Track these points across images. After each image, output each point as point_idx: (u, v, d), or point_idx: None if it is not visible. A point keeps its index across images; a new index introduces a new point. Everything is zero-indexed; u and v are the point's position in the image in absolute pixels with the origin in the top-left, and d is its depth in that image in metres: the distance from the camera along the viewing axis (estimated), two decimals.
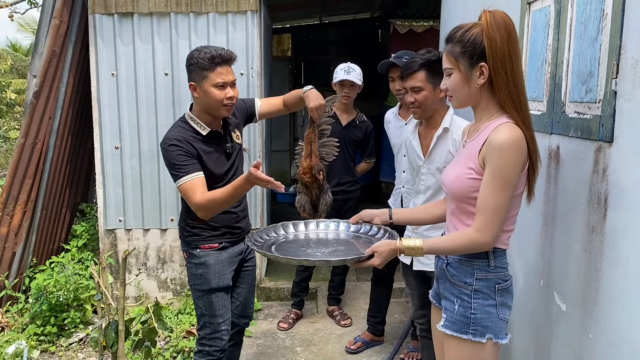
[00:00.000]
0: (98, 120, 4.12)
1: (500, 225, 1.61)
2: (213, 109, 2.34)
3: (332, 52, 8.85)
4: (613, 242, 1.51)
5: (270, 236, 2.16)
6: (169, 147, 2.30)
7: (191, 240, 2.47)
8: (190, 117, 2.39)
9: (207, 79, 2.27)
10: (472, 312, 1.67)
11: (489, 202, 1.58)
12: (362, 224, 2.13)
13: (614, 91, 1.50)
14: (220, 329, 2.48)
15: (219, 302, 2.47)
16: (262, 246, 2.03)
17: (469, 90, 1.66)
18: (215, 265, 2.45)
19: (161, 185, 4.18)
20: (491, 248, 1.66)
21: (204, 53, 2.27)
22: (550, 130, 1.97)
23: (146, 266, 4.33)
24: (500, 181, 1.56)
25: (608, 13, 1.55)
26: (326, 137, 2.62)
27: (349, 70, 3.63)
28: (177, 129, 2.37)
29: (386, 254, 1.72)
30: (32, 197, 4.09)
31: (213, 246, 2.45)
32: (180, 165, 2.26)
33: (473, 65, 1.62)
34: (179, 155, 2.26)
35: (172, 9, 4.00)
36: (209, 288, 2.45)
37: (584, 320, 1.69)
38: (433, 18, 6.10)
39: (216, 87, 2.27)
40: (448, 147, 2.49)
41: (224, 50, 2.30)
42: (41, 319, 3.75)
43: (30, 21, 15.49)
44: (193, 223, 2.43)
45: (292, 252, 2.00)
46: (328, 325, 3.94)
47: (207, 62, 2.25)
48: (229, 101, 2.31)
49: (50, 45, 3.96)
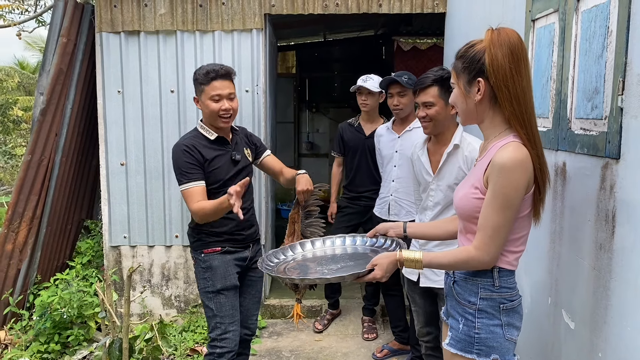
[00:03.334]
0: (104, 137, 4.14)
1: (500, 245, 1.60)
2: (212, 120, 2.57)
3: (336, 69, 8.91)
4: (622, 259, 1.50)
5: (287, 255, 2.21)
6: (179, 151, 2.51)
7: (196, 246, 2.65)
8: (200, 126, 2.64)
9: (204, 93, 2.54)
10: (476, 331, 1.65)
11: (489, 222, 1.57)
12: (378, 237, 2.14)
13: (620, 108, 1.49)
14: (230, 329, 2.60)
15: (229, 302, 2.62)
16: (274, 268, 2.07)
17: (467, 105, 1.67)
18: (221, 266, 2.61)
19: (166, 202, 4.19)
20: (489, 267, 1.64)
21: (201, 69, 2.55)
22: (556, 147, 1.97)
23: (150, 283, 4.31)
24: (501, 201, 1.55)
25: (613, 30, 1.55)
26: (313, 218, 2.74)
27: (366, 79, 3.73)
28: (189, 136, 2.62)
29: (385, 265, 1.73)
30: (38, 213, 4.09)
31: (216, 250, 2.62)
32: (186, 172, 2.48)
33: (471, 81, 1.62)
34: (186, 162, 2.49)
35: (179, 27, 4.04)
36: (217, 289, 2.60)
37: (593, 339, 1.66)
38: (436, 35, 6.13)
39: (212, 100, 2.52)
40: (459, 164, 2.49)
41: (220, 66, 2.56)
42: (45, 336, 3.73)
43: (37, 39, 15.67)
44: (198, 229, 2.63)
45: (303, 269, 2.05)
46: (333, 343, 3.90)
47: (202, 77, 2.53)
48: (224, 112, 2.54)
49: (58, 63, 4.00)
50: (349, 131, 3.95)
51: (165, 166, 4.16)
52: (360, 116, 3.95)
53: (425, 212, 2.66)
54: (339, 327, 4.16)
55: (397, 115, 3.43)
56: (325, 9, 4.07)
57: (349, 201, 3.95)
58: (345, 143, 3.95)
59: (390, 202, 3.42)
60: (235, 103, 2.58)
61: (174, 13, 4.03)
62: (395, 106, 3.35)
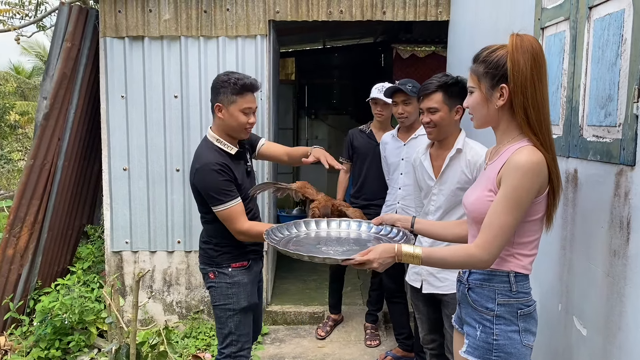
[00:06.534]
0: (107, 141, 4.13)
1: (501, 247, 1.59)
2: (235, 131, 2.49)
3: (335, 76, 8.94)
4: (637, 266, 1.50)
5: (291, 232, 2.22)
6: (212, 171, 2.38)
7: (222, 260, 2.55)
8: (215, 139, 2.50)
9: (235, 103, 2.42)
10: (495, 338, 1.65)
11: (496, 221, 1.57)
12: (384, 225, 2.14)
13: (635, 115, 1.51)
14: (246, 347, 2.59)
15: (247, 321, 2.60)
16: (279, 242, 2.07)
17: (488, 110, 1.67)
18: (248, 284, 2.57)
19: (169, 207, 4.18)
20: (487, 267, 1.64)
21: (235, 79, 2.42)
22: (567, 154, 1.98)
23: (152, 289, 4.29)
24: (512, 202, 1.55)
25: (627, 38, 1.57)
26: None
27: (382, 89, 3.67)
28: (212, 153, 2.46)
29: (380, 251, 1.67)
30: (39, 218, 4.07)
31: (243, 264, 2.56)
32: (226, 191, 2.39)
33: (494, 86, 1.63)
34: (224, 181, 2.39)
35: (183, 32, 4.05)
36: (242, 307, 2.55)
37: (606, 346, 1.67)
38: (435, 43, 6.17)
39: (243, 112, 2.44)
40: (462, 168, 2.50)
41: (253, 79, 2.47)
42: (45, 342, 3.70)
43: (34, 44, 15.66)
44: (224, 242, 2.53)
45: (306, 248, 2.02)
46: (336, 350, 3.89)
47: (238, 87, 2.41)
48: (250, 126, 2.49)
49: (61, 68, 4.00)
50: (359, 137, 3.92)
51: (168, 171, 4.15)
52: (372, 123, 3.93)
53: (427, 217, 2.66)
54: (341, 333, 4.15)
55: (403, 124, 3.43)
56: (330, 15, 4.08)
57: None
58: (354, 149, 3.92)
59: (397, 209, 3.42)
60: (256, 117, 2.55)
61: (179, 19, 4.04)
62: (401, 114, 3.36)
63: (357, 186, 3.91)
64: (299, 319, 4.35)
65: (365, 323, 4.14)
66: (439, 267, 1.81)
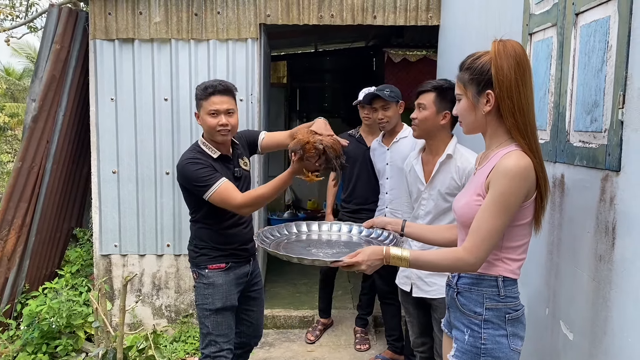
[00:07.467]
0: (96, 144, 4.11)
1: (489, 251, 1.60)
2: (211, 134, 2.55)
3: (327, 79, 8.95)
4: (622, 270, 1.51)
5: (282, 234, 2.24)
6: (188, 165, 2.47)
7: (200, 261, 2.62)
8: (202, 142, 2.60)
9: (202, 108, 2.53)
10: (483, 342, 1.65)
11: (484, 225, 1.58)
12: (375, 228, 2.17)
13: (620, 121, 1.52)
14: (225, 348, 2.60)
15: (225, 322, 2.60)
16: (269, 244, 2.09)
17: (476, 116, 1.69)
18: (224, 285, 2.59)
19: (158, 210, 4.16)
20: (474, 271, 1.65)
21: (205, 85, 2.53)
22: (554, 159, 1.99)
23: (141, 292, 4.27)
24: (500, 206, 1.56)
25: (613, 45, 1.58)
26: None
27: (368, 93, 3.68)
28: (192, 151, 2.56)
29: (369, 254, 1.70)
30: (27, 221, 4.04)
31: (220, 266, 2.60)
32: (206, 176, 2.43)
33: (480, 92, 1.64)
34: (200, 169, 2.44)
35: (173, 35, 4.04)
36: (217, 308, 2.58)
37: (592, 350, 1.67)
38: (426, 48, 6.20)
39: (209, 115, 2.50)
40: (451, 174, 2.52)
41: (219, 81, 2.55)
42: (33, 346, 3.66)
43: (24, 46, 15.55)
44: (201, 244, 2.61)
45: (296, 250, 2.04)
46: (326, 354, 3.88)
47: (201, 92, 2.52)
48: (222, 127, 2.51)
49: (50, 70, 3.97)
50: (349, 141, 3.90)
51: (158, 174, 4.14)
52: (360, 128, 3.94)
53: (417, 222, 2.67)
54: (331, 337, 4.14)
55: (384, 129, 3.48)
56: (321, 19, 4.09)
57: (349, 214, 3.79)
58: (344, 154, 3.90)
59: (386, 213, 3.44)
60: (234, 119, 2.55)
61: (169, 21, 4.03)
62: (381, 120, 3.41)
63: (348, 191, 3.89)
64: (288, 322, 4.34)
65: (355, 327, 4.13)
66: (427, 269, 1.82)
